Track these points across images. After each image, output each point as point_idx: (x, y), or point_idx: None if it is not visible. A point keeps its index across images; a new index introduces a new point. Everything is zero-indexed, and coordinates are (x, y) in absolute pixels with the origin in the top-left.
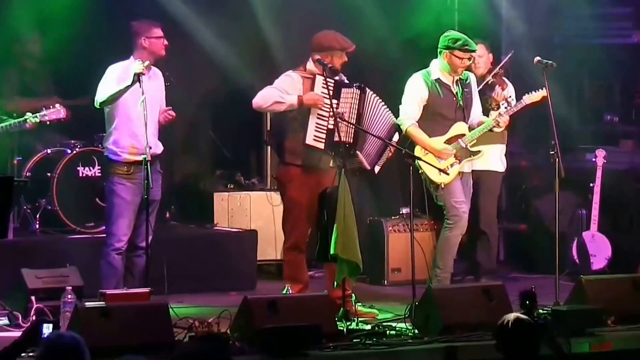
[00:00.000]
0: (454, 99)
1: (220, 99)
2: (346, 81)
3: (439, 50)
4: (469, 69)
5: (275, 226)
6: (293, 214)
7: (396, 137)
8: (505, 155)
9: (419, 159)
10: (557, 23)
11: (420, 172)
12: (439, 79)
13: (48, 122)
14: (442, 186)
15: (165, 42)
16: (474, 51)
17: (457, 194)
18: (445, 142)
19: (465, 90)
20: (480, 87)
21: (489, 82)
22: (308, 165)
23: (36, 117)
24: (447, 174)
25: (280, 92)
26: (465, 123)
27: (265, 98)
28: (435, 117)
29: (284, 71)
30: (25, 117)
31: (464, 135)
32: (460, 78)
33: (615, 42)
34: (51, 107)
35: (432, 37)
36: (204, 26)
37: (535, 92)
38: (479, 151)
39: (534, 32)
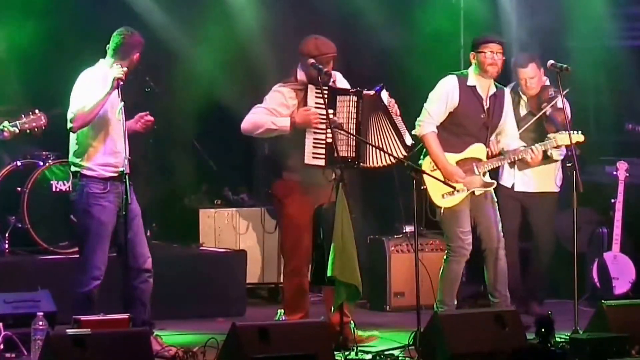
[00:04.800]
0: (483, 115)
1: (205, 106)
2: (342, 87)
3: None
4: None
5: (267, 246)
6: (293, 234)
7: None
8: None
9: (425, 173)
10: (571, 24)
11: (423, 187)
12: (474, 87)
13: (28, 131)
14: (442, 211)
15: None
16: (497, 42)
17: (464, 223)
18: (458, 161)
19: (496, 108)
20: (537, 116)
21: (549, 115)
22: (309, 181)
23: (15, 125)
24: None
25: (271, 115)
26: (486, 145)
27: (255, 125)
28: (457, 129)
29: (271, 78)
30: (2, 126)
31: (480, 160)
32: (494, 94)
33: (635, 44)
34: (30, 113)
35: (437, 37)
36: (186, 31)
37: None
38: (492, 183)
39: (546, 34)
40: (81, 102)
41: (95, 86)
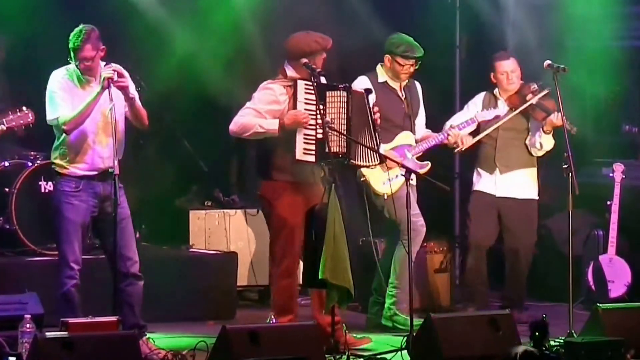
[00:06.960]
0: (402, 105)
1: (196, 106)
2: (333, 83)
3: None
4: (415, 76)
5: (257, 248)
6: (284, 235)
7: None
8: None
9: (416, 173)
10: (568, 24)
11: (362, 179)
12: (385, 82)
13: (15, 129)
14: (386, 197)
15: None
16: (416, 58)
17: (411, 206)
18: (389, 150)
19: (412, 96)
20: (523, 107)
21: (537, 103)
22: (299, 181)
23: (2, 123)
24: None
25: (260, 117)
26: (413, 133)
27: (242, 128)
28: (383, 123)
29: (265, 76)
30: None
31: (410, 145)
32: (407, 85)
33: (633, 44)
34: (17, 111)
35: (432, 39)
36: (177, 28)
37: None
38: (427, 163)
39: (543, 34)
40: (65, 106)
41: (68, 86)
